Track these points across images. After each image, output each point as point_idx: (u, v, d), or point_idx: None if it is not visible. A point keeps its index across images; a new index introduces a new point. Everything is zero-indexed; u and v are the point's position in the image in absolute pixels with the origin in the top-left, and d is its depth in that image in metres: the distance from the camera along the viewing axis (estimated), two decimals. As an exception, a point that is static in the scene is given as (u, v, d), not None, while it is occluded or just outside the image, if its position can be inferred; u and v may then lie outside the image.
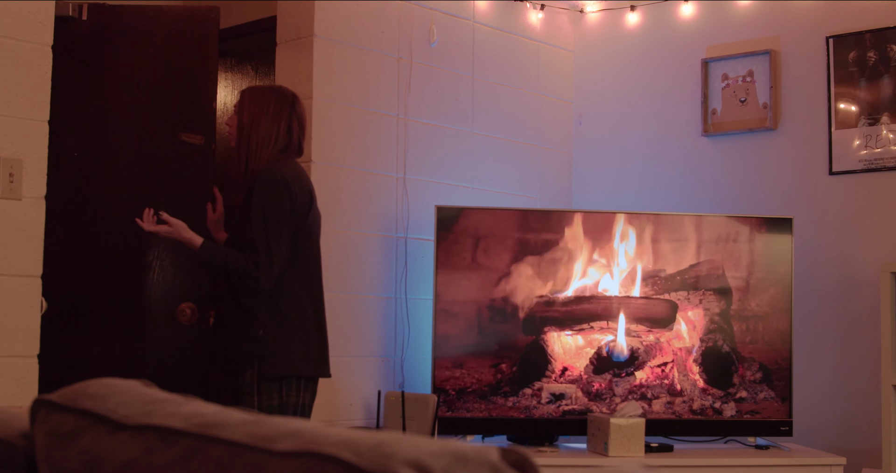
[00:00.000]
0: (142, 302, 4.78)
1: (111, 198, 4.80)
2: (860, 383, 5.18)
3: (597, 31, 6.27)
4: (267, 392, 3.83)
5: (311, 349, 3.93)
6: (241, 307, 3.91)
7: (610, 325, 5.10)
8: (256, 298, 3.87)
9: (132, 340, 4.84)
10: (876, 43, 5.27)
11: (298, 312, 3.92)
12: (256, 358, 3.84)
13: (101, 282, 4.78)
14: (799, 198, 5.46)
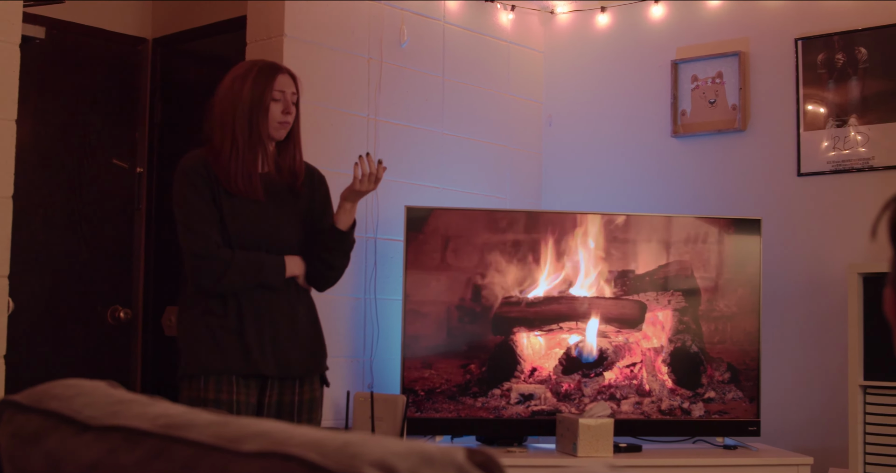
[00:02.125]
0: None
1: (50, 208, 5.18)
2: (827, 383, 5.20)
3: (567, 32, 6.28)
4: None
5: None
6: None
7: (579, 326, 5.11)
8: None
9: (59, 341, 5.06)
10: (844, 45, 5.30)
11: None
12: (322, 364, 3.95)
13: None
14: (767, 200, 5.48)
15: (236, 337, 3.75)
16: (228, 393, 3.72)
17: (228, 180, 3.78)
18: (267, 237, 3.84)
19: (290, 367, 3.84)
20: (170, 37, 5.58)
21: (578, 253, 5.13)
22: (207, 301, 3.78)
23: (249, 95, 3.83)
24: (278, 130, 3.89)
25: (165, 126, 5.56)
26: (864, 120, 5.22)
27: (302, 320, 3.93)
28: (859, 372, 4.75)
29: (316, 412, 3.95)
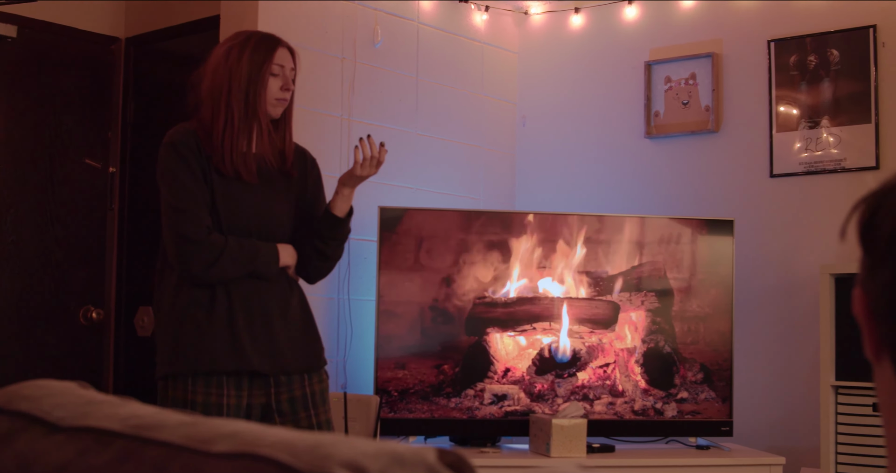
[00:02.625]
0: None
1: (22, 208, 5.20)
2: (799, 383, 5.22)
3: (541, 33, 6.29)
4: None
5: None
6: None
7: (552, 326, 5.12)
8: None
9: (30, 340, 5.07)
10: (816, 47, 5.33)
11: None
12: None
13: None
14: (740, 201, 5.50)
15: (226, 332, 3.48)
16: (218, 395, 3.46)
17: (221, 159, 3.51)
18: (259, 223, 3.59)
19: (286, 363, 3.58)
20: (143, 36, 5.57)
21: (552, 253, 5.14)
22: (193, 291, 3.49)
23: (247, 68, 3.56)
24: (275, 107, 3.64)
25: (138, 126, 5.54)
26: (836, 121, 5.25)
27: (295, 312, 3.68)
28: (831, 372, 4.77)
29: (327, 404, 3.72)
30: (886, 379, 0.99)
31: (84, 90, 5.48)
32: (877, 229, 0.98)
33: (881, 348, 0.99)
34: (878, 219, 0.98)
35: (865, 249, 1.01)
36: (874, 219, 0.99)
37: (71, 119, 5.38)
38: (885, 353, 0.98)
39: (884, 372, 1.00)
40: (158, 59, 5.61)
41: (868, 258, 1.00)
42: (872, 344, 1.01)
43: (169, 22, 5.45)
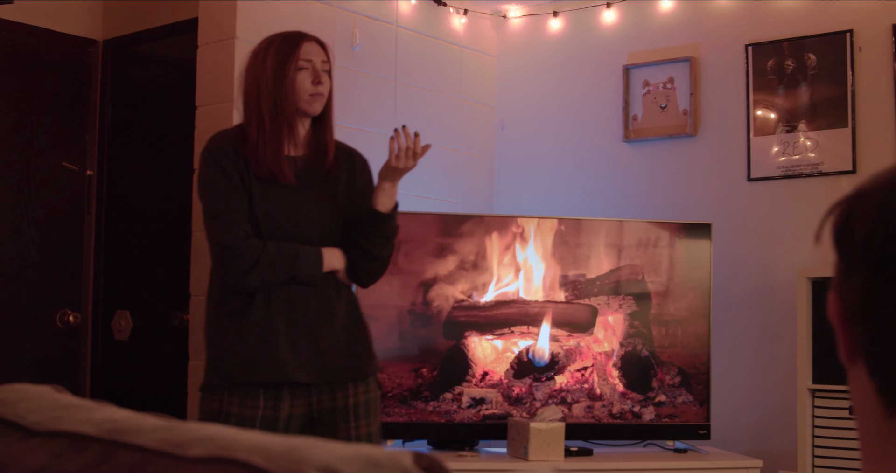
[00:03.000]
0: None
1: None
2: (777, 387, 5.24)
3: (519, 37, 6.29)
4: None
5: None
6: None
7: (530, 330, 5.12)
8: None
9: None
10: (794, 51, 5.34)
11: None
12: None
13: None
14: (718, 204, 5.52)
15: (265, 341, 3.39)
16: (253, 407, 3.38)
17: (257, 163, 3.42)
18: (301, 227, 3.48)
19: (331, 372, 3.46)
20: (121, 38, 5.55)
21: (530, 257, 5.14)
22: (233, 299, 3.43)
23: (272, 68, 3.47)
24: (311, 103, 3.51)
25: (116, 128, 5.52)
26: (813, 125, 5.27)
27: (342, 319, 3.54)
28: (808, 375, 4.79)
29: (374, 415, 3.55)
30: (860, 383, 1.00)
31: (61, 93, 5.46)
32: (850, 234, 0.98)
33: (855, 351, 1.00)
34: (852, 224, 0.98)
35: (840, 253, 1.01)
36: (848, 223, 0.99)
37: (48, 121, 5.36)
38: (859, 357, 0.99)
39: (858, 376, 1.00)
40: (136, 61, 5.59)
41: (842, 262, 1.00)
42: (846, 347, 1.01)
43: (147, 24, 5.44)
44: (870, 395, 0.98)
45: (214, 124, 4.84)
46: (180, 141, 5.04)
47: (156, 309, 5.25)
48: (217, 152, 3.45)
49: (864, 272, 0.96)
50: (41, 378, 4.62)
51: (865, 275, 0.95)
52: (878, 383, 0.97)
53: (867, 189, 0.99)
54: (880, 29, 5.13)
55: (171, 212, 5.15)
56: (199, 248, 4.85)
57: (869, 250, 0.95)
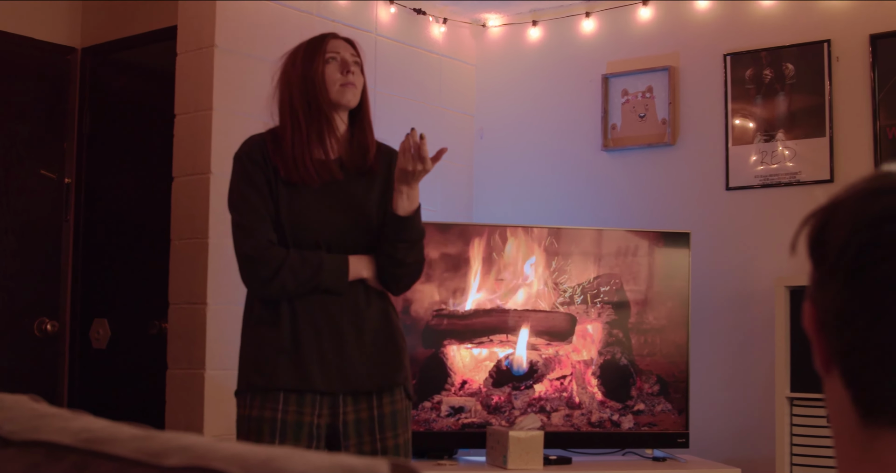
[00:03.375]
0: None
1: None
2: (755, 395, 5.25)
3: (499, 46, 6.30)
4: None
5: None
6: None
7: (509, 338, 5.12)
8: None
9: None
10: (772, 61, 5.37)
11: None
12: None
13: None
14: (696, 213, 5.53)
15: (288, 350, 3.36)
16: (273, 410, 3.33)
17: (292, 166, 3.37)
18: (329, 234, 3.43)
19: (357, 381, 3.40)
20: (100, 46, 5.54)
21: (509, 265, 5.14)
22: (261, 307, 3.42)
23: (301, 67, 3.46)
24: (343, 93, 3.45)
25: (95, 136, 5.51)
26: (791, 135, 5.29)
27: (371, 327, 3.46)
28: (786, 383, 4.80)
29: (402, 427, 3.47)
30: (835, 392, 1.00)
31: (40, 100, 5.45)
32: (825, 244, 0.99)
33: (830, 361, 1.00)
34: (827, 234, 0.99)
35: (815, 263, 1.02)
36: (823, 233, 1.00)
37: (26, 129, 5.34)
38: (835, 366, 0.99)
39: (833, 385, 1.01)
40: (115, 69, 5.58)
41: (817, 272, 1.01)
42: (822, 357, 1.02)
43: (126, 32, 5.42)
44: (845, 404, 0.99)
45: (193, 132, 4.84)
46: (159, 149, 5.03)
47: (134, 317, 5.23)
48: (245, 159, 3.43)
49: (838, 282, 0.96)
50: (18, 387, 4.60)
51: (840, 285, 0.96)
52: (853, 392, 0.97)
53: (842, 199, 1.00)
54: (858, 39, 5.16)
55: (149, 221, 5.14)
56: (178, 257, 4.84)
57: (843, 260, 0.95)
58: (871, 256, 0.93)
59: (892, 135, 5.01)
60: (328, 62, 3.47)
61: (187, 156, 4.86)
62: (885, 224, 0.93)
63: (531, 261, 5.16)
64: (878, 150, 5.04)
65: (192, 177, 4.82)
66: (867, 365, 0.95)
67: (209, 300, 4.71)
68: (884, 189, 0.96)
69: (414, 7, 5.92)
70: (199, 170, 4.80)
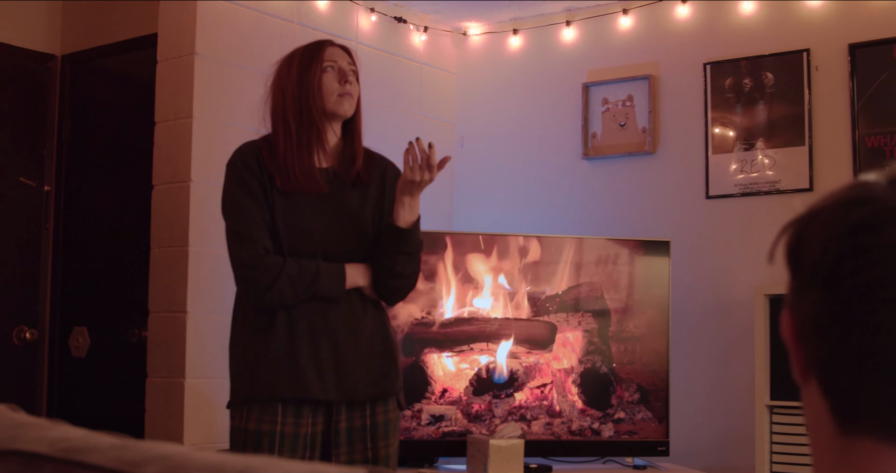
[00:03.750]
0: None
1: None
2: (735, 403, 5.26)
3: (480, 54, 6.31)
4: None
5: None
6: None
7: (490, 347, 5.12)
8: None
9: None
10: (751, 70, 5.38)
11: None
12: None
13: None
14: (676, 222, 5.54)
15: (286, 359, 3.31)
16: (271, 422, 3.28)
17: (284, 175, 3.34)
18: (324, 242, 3.39)
19: (354, 390, 3.37)
20: (79, 54, 5.52)
21: (489, 274, 5.15)
22: (255, 316, 3.36)
23: (297, 74, 3.42)
24: (340, 104, 3.44)
25: (74, 144, 5.49)
26: (770, 143, 5.31)
27: (367, 336, 3.43)
28: (766, 392, 4.81)
29: (392, 436, 3.46)
30: (813, 400, 1.00)
31: (19, 107, 5.43)
32: (802, 254, 0.99)
33: (808, 370, 1.00)
34: (804, 244, 0.99)
35: (792, 273, 1.02)
36: (801, 243, 1.00)
37: (5, 137, 5.32)
38: (812, 375, 1.00)
39: (810, 394, 1.01)
40: (95, 76, 5.57)
41: (795, 281, 1.01)
42: (800, 365, 1.02)
43: (106, 40, 5.41)
44: (822, 413, 0.99)
45: (173, 140, 4.83)
46: (139, 157, 5.02)
47: (114, 325, 5.21)
48: (240, 166, 3.39)
49: (815, 291, 0.97)
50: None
51: (817, 295, 0.96)
52: (830, 401, 0.98)
53: (819, 209, 1.00)
54: (837, 48, 5.18)
55: (129, 228, 5.13)
56: (158, 265, 4.83)
57: (821, 269, 0.96)
58: (846, 266, 0.94)
59: (871, 144, 5.03)
60: (325, 71, 3.44)
61: (167, 164, 4.85)
62: (861, 234, 0.94)
63: (512, 269, 5.16)
64: (857, 159, 5.06)
65: (173, 184, 4.81)
66: (844, 374, 0.95)
67: (189, 308, 4.70)
68: (860, 199, 0.96)
69: (395, 15, 5.92)
70: (180, 178, 4.79)
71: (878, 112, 5.04)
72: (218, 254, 4.74)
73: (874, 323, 0.92)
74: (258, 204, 3.34)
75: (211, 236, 4.72)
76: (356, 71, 3.54)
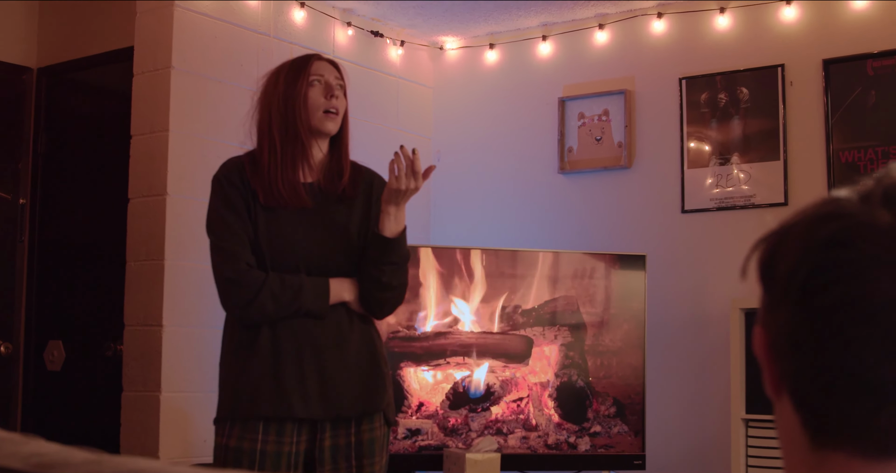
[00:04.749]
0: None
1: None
2: (711, 417, 5.27)
3: (456, 68, 6.32)
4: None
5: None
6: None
7: (466, 361, 5.12)
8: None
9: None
10: (727, 85, 5.41)
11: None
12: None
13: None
14: (652, 236, 5.55)
15: (268, 376, 3.26)
16: (252, 440, 3.23)
17: (267, 189, 3.30)
18: (308, 257, 3.34)
19: (339, 407, 3.31)
20: (55, 66, 5.51)
21: (466, 288, 5.15)
22: (240, 332, 3.32)
23: (283, 88, 3.37)
24: (324, 121, 3.38)
25: (49, 157, 5.47)
26: (746, 158, 5.33)
27: (354, 351, 3.37)
28: (741, 405, 4.82)
29: (379, 454, 3.39)
30: (786, 415, 1.01)
31: (-6, 121, 5.42)
32: (775, 269, 1.00)
33: (781, 384, 1.01)
34: (776, 259, 1.00)
35: (765, 288, 1.03)
36: (773, 258, 1.01)
37: (-20, 150, 5.31)
38: (785, 390, 1.00)
39: (783, 409, 1.01)
40: (71, 89, 5.55)
41: (767, 296, 1.02)
42: (772, 380, 1.03)
43: (82, 52, 5.40)
44: (795, 427, 0.99)
45: (150, 153, 4.82)
46: (115, 170, 5.01)
47: (89, 339, 5.19)
48: (224, 181, 3.36)
49: (788, 306, 0.97)
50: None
51: (790, 310, 0.97)
52: (803, 416, 0.98)
53: (791, 224, 1.01)
54: (811, 64, 5.21)
55: (105, 242, 5.11)
56: (134, 278, 4.82)
57: (793, 285, 0.96)
58: (819, 281, 0.95)
59: (845, 159, 5.06)
60: (312, 85, 3.39)
61: (143, 178, 4.84)
62: (833, 249, 0.95)
63: (488, 283, 5.17)
64: (832, 174, 5.09)
65: (149, 198, 4.80)
66: (816, 390, 0.96)
67: (165, 322, 4.69)
68: (831, 214, 0.97)
69: (371, 29, 5.93)
70: (156, 192, 4.78)
71: (851, 127, 5.07)
72: (194, 268, 4.73)
73: (846, 338, 0.93)
74: (241, 219, 3.30)
75: (187, 250, 4.71)
76: (344, 85, 3.49)
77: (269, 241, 3.32)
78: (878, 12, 5.08)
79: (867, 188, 0.99)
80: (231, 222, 3.30)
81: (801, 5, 5.26)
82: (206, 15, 5.01)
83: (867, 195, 0.98)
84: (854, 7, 5.13)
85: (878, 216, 0.95)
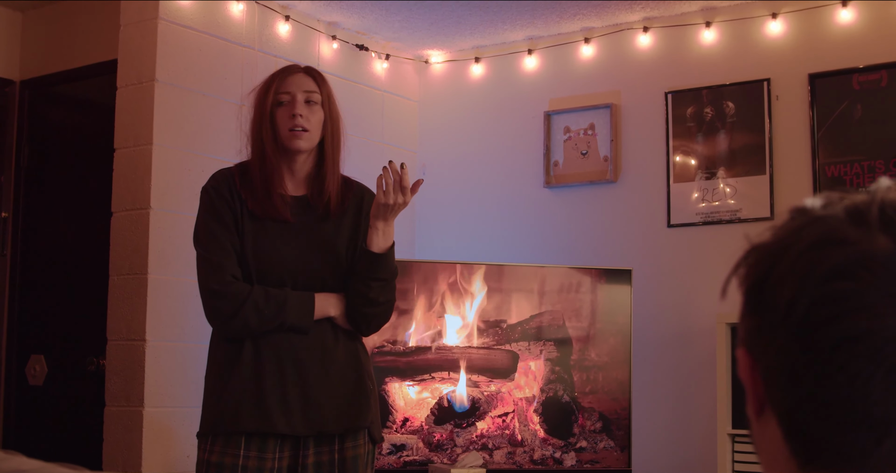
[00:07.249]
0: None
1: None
2: (697, 432, 5.26)
3: (442, 82, 6.31)
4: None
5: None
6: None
7: (451, 376, 5.10)
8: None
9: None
10: (713, 99, 5.41)
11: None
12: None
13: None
14: (638, 250, 5.55)
15: (251, 389, 3.23)
16: (234, 456, 3.19)
17: (257, 202, 3.31)
18: (295, 270, 3.32)
19: (322, 423, 3.28)
20: (39, 79, 5.49)
21: (451, 302, 5.13)
22: (225, 346, 3.29)
23: (254, 109, 3.40)
24: (291, 140, 3.34)
25: (33, 170, 5.45)
26: (731, 172, 5.33)
27: (338, 368, 3.34)
28: (727, 420, 4.81)
29: (363, 471, 3.35)
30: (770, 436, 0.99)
31: (-23, 134, 5.39)
32: (772, 292, 0.97)
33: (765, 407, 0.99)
34: (773, 283, 0.97)
35: (753, 310, 1.00)
36: (768, 281, 0.98)
37: (-37, 163, 5.28)
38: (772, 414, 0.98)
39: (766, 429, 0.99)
40: (54, 102, 5.53)
41: (757, 319, 0.99)
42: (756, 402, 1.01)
43: (65, 65, 5.38)
44: (781, 448, 0.97)
45: (133, 167, 4.80)
46: (98, 183, 4.98)
47: (72, 354, 5.16)
48: (212, 193, 3.34)
49: (786, 337, 0.95)
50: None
51: (787, 340, 0.94)
52: (794, 444, 0.96)
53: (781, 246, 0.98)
54: (797, 78, 5.21)
55: (87, 256, 5.09)
56: (117, 293, 4.79)
57: (793, 316, 0.94)
58: (822, 314, 0.92)
59: (831, 173, 5.06)
60: (279, 104, 3.37)
61: (127, 191, 4.82)
62: (834, 281, 0.92)
63: (473, 298, 5.15)
64: (818, 188, 5.09)
65: (132, 212, 4.78)
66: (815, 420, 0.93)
67: (148, 336, 4.66)
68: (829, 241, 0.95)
69: (356, 43, 5.92)
70: (139, 206, 4.76)
71: (837, 141, 5.08)
72: (177, 282, 4.71)
73: (851, 374, 0.91)
74: (228, 231, 3.28)
75: (170, 264, 4.69)
76: (320, 97, 3.44)
77: (255, 254, 3.30)
78: (863, 27, 5.09)
79: (856, 205, 0.96)
80: (218, 234, 3.28)
81: (787, 19, 5.26)
82: (191, 28, 4.99)
83: (860, 214, 0.95)
84: (840, 21, 5.14)
85: (878, 243, 0.93)
